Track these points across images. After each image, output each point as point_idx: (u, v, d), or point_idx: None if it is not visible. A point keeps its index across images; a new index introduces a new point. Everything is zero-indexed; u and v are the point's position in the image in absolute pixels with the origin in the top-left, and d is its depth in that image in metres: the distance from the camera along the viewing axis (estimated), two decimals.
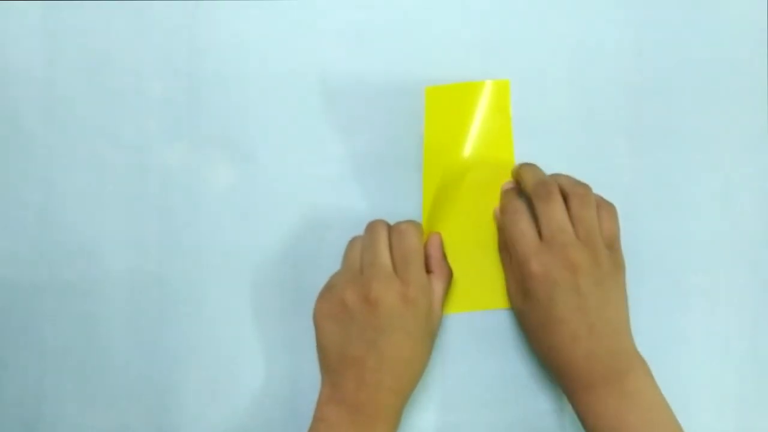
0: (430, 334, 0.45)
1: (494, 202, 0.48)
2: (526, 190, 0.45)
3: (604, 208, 0.45)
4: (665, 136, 0.50)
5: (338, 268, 0.47)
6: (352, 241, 0.46)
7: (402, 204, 0.49)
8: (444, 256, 0.47)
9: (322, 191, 0.49)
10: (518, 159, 0.49)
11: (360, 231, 0.47)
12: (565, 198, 0.44)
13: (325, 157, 0.49)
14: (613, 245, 0.44)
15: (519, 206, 0.45)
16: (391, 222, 0.46)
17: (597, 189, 0.48)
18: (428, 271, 0.46)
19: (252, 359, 0.49)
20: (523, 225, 0.44)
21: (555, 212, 0.43)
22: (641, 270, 0.49)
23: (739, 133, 0.50)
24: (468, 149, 0.48)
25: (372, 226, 0.46)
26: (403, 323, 0.43)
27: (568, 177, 0.46)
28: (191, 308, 0.49)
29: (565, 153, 0.49)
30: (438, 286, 0.46)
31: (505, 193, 0.47)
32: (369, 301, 0.43)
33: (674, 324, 0.49)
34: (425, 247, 0.47)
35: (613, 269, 0.43)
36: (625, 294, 0.44)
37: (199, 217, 0.49)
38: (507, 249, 0.46)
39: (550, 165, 0.49)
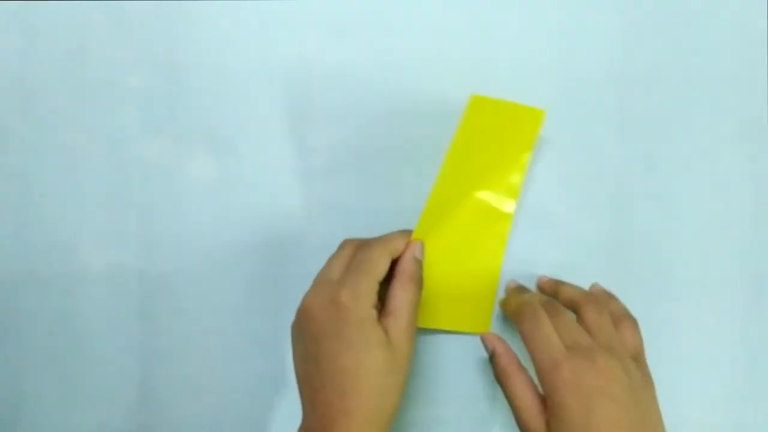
0: (380, 344, 0.39)
1: (487, 231, 0.46)
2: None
3: (626, 320, 0.42)
4: (654, 124, 0.49)
5: (321, 261, 0.46)
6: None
7: (386, 197, 0.48)
8: (416, 264, 0.43)
9: (304, 184, 0.48)
10: None
11: (342, 224, 0.47)
12: (577, 310, 0.42)
13: (308, 149, 0.48)
14: (638, 359, 0.41)
15: (539, 311, 0.40)
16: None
17: (586, 178, 0.48)
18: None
19: (234, 355, 0.48)
20: (547, 329, 0.39)
21: (568, 324, 0.40)
22: (631, 260, 0.48)
23: (730, 121, 0.49)
24: (483, 168, 0.46)
25: (340, 245, 0.44)
26: (335, 329, 0.39)
27: (573, 287, 0.44)
28: (172, 304, 0.48)
29: (554, 142, 0.48)
30: (401, 293, 0.41)
31: (516, 294, 0.44)
32: (303, 312, 0.40)
33: (664, 315, 0.49)
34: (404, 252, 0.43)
35: (645, 384, 0.40)
36: (660, 414, 0.40)
37: (180, 211, 0.48)
38: (511, 375, 0.41)
39: (539, 154, 0.48)
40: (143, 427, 0.48)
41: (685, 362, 0.49)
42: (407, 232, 0.44)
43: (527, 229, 0.48)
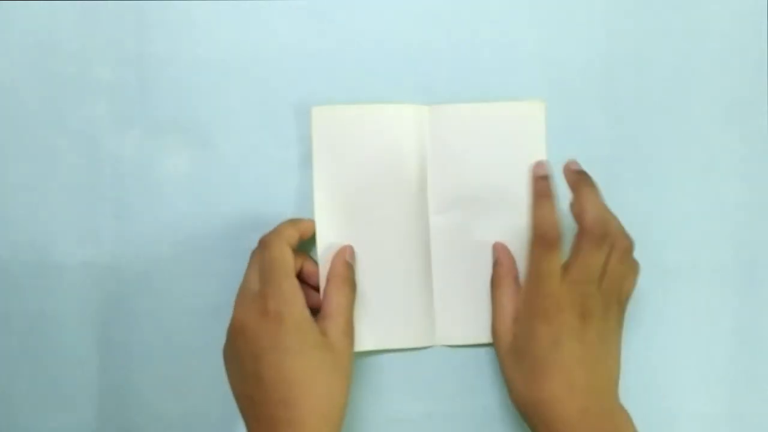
0: (319, 346, 0.40)
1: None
2: (581, 220, 0.40)
3: (633, 267, 0.42)
4: (643, 107, 0.48)
5: None
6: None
7: None
8: (347, 267, 0.44)
9: (282, 176, 0.47)
10: None
11: None
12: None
13: (284, 139, 0.47)
14: (623, 303, 0.42)
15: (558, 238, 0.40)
16: None
17: None
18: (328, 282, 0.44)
19: (213, 353, 0.46)
20: (555, 260, 0.39)
21: (595, 261, 0.40)
22: None
23: (720, 103, 0.48)
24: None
25: (251, 254, 0.44)
26: (273, 341, 0.39)
27: (618, 223, 0.42)
28: (149, 302, 0.47)
29: None
30: (336, 297, 0.42)
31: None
32: (236, 330, 0.41)
33: (655, 302, 0.48)
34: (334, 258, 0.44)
35: (617, 327, 0.42)
36: (621, 353, 0.42)
37: (155, 206, 0.47)
38: (503, 285, 0.44)
39: None
40: (122, 429, 0.47)
41: (678, 351, 0.48)
42: (297, 221, 0.45)
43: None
